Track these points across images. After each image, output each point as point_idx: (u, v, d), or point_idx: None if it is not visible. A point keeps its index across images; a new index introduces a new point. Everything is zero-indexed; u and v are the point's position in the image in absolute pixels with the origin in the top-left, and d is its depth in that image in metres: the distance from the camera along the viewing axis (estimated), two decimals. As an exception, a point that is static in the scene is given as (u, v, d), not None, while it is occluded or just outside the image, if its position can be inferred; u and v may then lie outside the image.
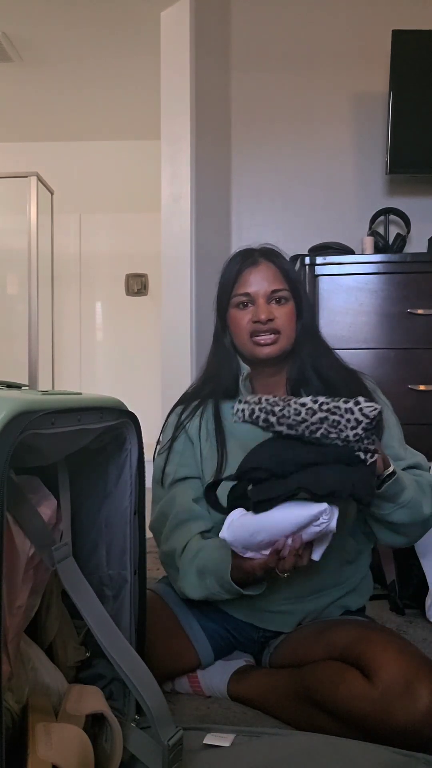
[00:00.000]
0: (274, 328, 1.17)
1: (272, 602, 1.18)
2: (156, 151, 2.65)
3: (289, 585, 1.16)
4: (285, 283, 1.19)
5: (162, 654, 1.17)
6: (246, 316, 1.19)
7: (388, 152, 2.48)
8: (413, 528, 1.12)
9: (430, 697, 0.92)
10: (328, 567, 1.17)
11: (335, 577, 1.19)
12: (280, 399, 0.95)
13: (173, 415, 1.32)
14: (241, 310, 1.20)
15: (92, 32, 2.93)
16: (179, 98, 2.53)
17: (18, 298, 4.15)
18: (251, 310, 1.18)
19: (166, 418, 1.34)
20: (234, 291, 1.20)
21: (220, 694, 1.21)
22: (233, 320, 1.21)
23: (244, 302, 1.19)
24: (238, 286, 1.20)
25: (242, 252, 1.24)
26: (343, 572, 1.20)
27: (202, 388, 1.29)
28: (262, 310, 1.17)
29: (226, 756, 0.93)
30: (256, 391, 1.26)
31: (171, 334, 2.56)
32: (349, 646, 1.04)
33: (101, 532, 1.00)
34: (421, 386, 2.22)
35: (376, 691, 0.95)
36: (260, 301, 1.18)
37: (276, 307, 1.18)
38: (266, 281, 1.18)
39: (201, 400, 1.28)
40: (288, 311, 1.19)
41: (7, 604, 0.79)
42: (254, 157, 2.78)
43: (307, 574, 1.16)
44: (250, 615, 1.21)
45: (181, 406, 1.31)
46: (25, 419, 0.71)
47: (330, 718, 1.01)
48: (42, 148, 4.25)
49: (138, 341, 4.33)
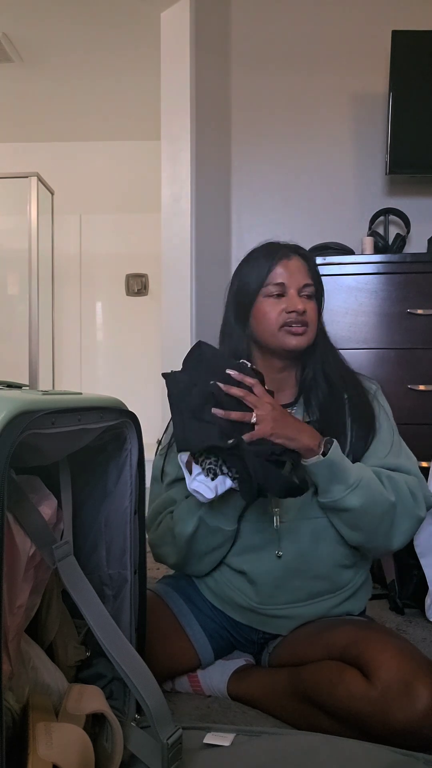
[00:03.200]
0: (306, 320, 1.18)
1: (271, 607, 1.18)
2: (156, 151, 2.65)
3: (285, 590, 1.16)
4: (311, 280, 1.21)
5: (162, 654, 1.18)
6: (279, 306, 1.18)
7: (388, 152, 2.48)
8: (370, 520, 1.09)
9: (429, 697, 0.92)
10: (322, 571, 1.17)
11: (333, 581, 1.18)
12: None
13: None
14: (273, 299, 1.19)
15: (92, 32, 2.93)
16: (179, 98, 2.53)
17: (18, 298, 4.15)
18: (284, 301, 1.18)
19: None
20: (267, 280, 1.19)
21: (220, 694, 1.22)
22: (261, 311, 1.20)
23: (277, 293, 1.19)
24: (273, 275, 1.19)
25: (270, 245, 1.24)
26: (341, 577, 1.19)
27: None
28: (298, 301, 1.17)
29: (226, 755, 0.94)
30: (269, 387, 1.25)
31: (171, 334, 2.56)
32: (348, 646, 1.04)
33: (101, 532, 1.00)
34: (421, 386, 2.22)
35: (375, 691, 0.95)
36: (292, 293, 1.18)
37: (306, 302, 1.19)
38: (299, 273, 1.19)
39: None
40: (314, 307, 1.21)
41: (7, 603, 0.79)
42: (254, 157, 2.78)
43: (304, 579, 1.16)
44: (250, 618, 1.21)
45: None
46: (25, 419, 0.72)
47: (329, 718, 1.01)
48: (42, 148, 4.25)
49: (138, 341, 4.33)
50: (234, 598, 1.20)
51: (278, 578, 1.16)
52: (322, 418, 1.18)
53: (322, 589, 1.18)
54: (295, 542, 1.15)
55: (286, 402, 1.24)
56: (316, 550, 1.16)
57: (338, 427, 1.17)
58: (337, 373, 1.23)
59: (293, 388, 1.26)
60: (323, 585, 1.18)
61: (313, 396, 1.21)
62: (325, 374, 1.22)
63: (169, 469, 1.26)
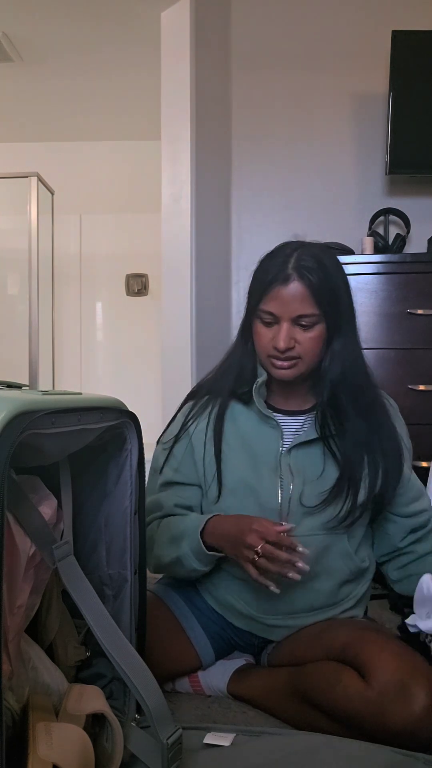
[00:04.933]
0: (294, 355, 1.12)
1: (270, 617, 1.17)
2: (156, 151, 2.65)
3: (285, 601, 1.15)
4: (315, 306, 1.09)
5: (163, 655, 1.17)
6: (268, 334, 1.13)
7: (388, 152, 2.48)
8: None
9: (426, 699, 0.92)
10: (325, 586, 1.16)
11: (335, 595, 1.18)
12: None
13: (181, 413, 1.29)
14: (264, 326, 1.13)
15: (92, 32, 2.92)
16: (179, 98, 2.52)
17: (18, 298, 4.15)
18: (274, 330, 1.12)
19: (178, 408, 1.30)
20: (260, 305, 1.13)
21: (220, 694, 1.21)
22: (256, 333, 1.15)
23: (268, 321, 1.12)
24: (265, 301, 1.12)
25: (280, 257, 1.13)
26: (343, 591, 1.19)
27: (215, 383, 1.25)
28: (282, 337, 1.10)
29: (226, 755, 0.94)
30: (274, 396, 1.23)
31: (171, 334, 2.56)
32: (347, 647, 1.04)
33: (101, 532, 1.00)
34: (421, 386, 2.22)
35: (372, 692, 0.94)
36: (284, 326, 1.10)
37: (300, 332, 1.11)
38: (295, 303, 1.09)
39: (211, 397, 1.24)
40: (314, 336, 1.11)
41: (7, 603, 0.79)
42: (254, 157, 2.78)
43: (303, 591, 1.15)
44: (249, 625, 1.21)
45: (190, 403, 1.28)
46: (25, 419, 0.72)
47: (328, 719, 1.01)
48: (42, 148, 4.25)
49: (138, 341, 4.33)
50: (234, 605, 1.20)
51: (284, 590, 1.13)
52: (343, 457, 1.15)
53: (324, 603, 1.18)
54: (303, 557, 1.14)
55: (296, 409, 1.21)
56: (322, 565, 1.15)
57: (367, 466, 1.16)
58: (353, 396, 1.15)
59: (305, 396, 1.22)
60: (325, 599, 1.17)
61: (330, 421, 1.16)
62: (341, 395, 1.15)
63: (165, 469, 1.25)
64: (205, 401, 1.24)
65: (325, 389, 1.15)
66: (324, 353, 1.15)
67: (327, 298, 1.10)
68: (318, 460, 1.17)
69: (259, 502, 1.16)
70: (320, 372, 1.16)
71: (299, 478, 1.16)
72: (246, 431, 1.19)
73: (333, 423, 1.16)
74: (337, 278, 1.12)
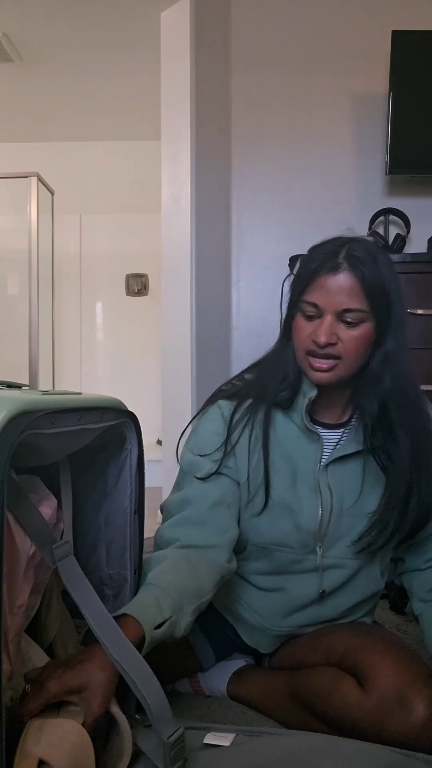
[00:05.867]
0: (334, 354, 1.01)
1: (280, 628, 1.16)
2: (156, 151, 2.65)
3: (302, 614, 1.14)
4: (364, 301, 0.99)
5: (163, 657, 1.17)
6: (308, 328, 1.02)
7: (388, 152, 2.48)
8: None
9: (424, 709, 0.90)
10: (349, 602, 1.15)
11: (351, 611, 1.17)
12: None
13: (215, 408, 1.14)
14: (306, 319, 1.03)
15: (92, 32, 2.93)
16: (179, 98, 2.53)
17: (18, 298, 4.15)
18: (315, 324, 1.01)
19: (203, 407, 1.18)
20: (303, 296, 1.02)
21: (220, 694, 1.21)
22: (296, 327, 1.05)
23: (311, 314, 1.02)
24: (309, 291, 1.01)
25: (330, 246, 1.02)
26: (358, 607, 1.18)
27: (254, 385, 1.14)
28: (323, 331, 0.99)
29: (226, 755, 0.93)
30: (315, 404, 1.10)
31: (171, 334, 2.56)
32: (347, 653, 1.02)
33: (101, 532, 1.00)
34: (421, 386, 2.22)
35: (370, 701, 0.93)
36: (327, 319, 0.99)
37: (343, 329, 1.00)
38: (341, 295, 0.98)
39: (253, 403, 1.12)
40: (359, 335, 1.00)
41: (7, 603, 0.79)
42: (254, 157, 2.78)
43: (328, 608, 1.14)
44: (255, 638, 1.19)
45: (228, 404, 1.14)
46: (25, 419, 0.72)
47: (326, 725, 1.00)
48: (42, 148, 4.25)
49: (138, 341, 4.33)
50: (244, 616, 1.18)
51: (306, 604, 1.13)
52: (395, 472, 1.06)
53: (339, 616, 1.16)
54: (336, 579, 1.11)
55: (335, 422, 1.12)
56: (351, 586, 1.13)
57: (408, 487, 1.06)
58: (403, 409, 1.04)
59: (344, 406, 1.11)
60: (342, 613, 1.16)
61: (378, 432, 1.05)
62: (388, 408, 1.04)
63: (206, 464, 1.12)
64: (248, 407, 1.12)
65: (374, 397, 1.04)
66: (370, 357, 1.04)
67: (378, 295, 0.99)
68: (357, 477, 1.09)
69: (296, 523, 1.08)
70: (366, 378, 1.05)
71: (337, 498, 1.09)
72: (286, 443, 1.10)
73: (381, 433, 1.05)
74: (390, 278, 1.02)
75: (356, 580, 1.13)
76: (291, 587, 1.13)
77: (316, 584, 1.11)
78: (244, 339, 2.77)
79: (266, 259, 2.74)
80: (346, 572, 1.11)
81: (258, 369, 1.16)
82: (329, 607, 1.14)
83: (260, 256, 2.74)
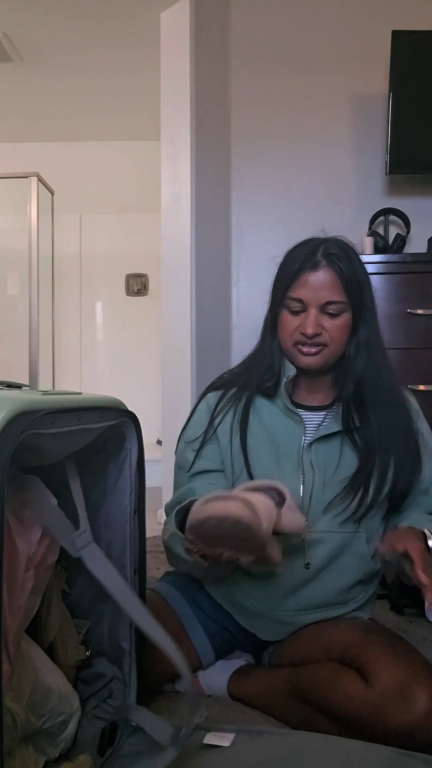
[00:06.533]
0: (320, 342, 1.13)
1: (281, 613, 1.17)
2: (156, 151, 2.65)
3: (302, 598, 1.15)
4: (344, 293, 1.12)
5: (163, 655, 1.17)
6: (295, 322, 1.13)
7: (388, 152, 2.48)
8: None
9: (427, 701, 0.91)
10: (340, 584, 1.16)
11: (347, 594, 1.18)
12: None
13: (204, 402, 1.26)
14: (291, 314, 1.14)
15: (92, 32, 2.93)
16: (179, 98, 2.53)
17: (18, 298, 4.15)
18: (301, 318, 1.13)
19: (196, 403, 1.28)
20: (288, 293, 1.14)
21: (221, 694, 1.21)
22: (282, 321, 1.16)
23: (296, 309, 1.13)
24: (294, 288, 1.13)
25: (307, 247, 1.15)
26: (355, 590, 1.19)
27: (241, 376, 1.25)
28: (310, 323, 1.11)
29: (226, 755, 0.94)
30: (297, 391, 1.22)
31: (171, 334, 2.56)
32: (348, 648, 1.04)
33: (101, 532, 1.00)
34: (421, 386, 2.22)
35: (373, 694, 0.94)
36: (311, 312, 1.11)
37: (327, 319, 1.12)
38: (323, 290, 1.11)
39: (238, 391, 1.23)
40: (341, 324, 1.13)
41: (7, 603, 0.79)
42: (254, 157, 2.78)
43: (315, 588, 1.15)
44: (254, 625, 1.20)
45: (215, 394, 1.25)
46: (25, 419, 0.72)
47: (328, 720, 1.01)
48: (42, 148, 4.25)
49: (138, 341, 4.34)
50: (243, 603, 1.19)
51: (297, 585, 1.15)
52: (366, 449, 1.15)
53: (336, 600, 1.17)
54: (321, 553, 1.14)
55: (318, 404, 1.21)
56: (339, 563, 1.15)
57: (385, 463, 1.15)
58: (378, 390, 1.16)
59: (328, 390, 1.22)
60: (337, 596, 1.17)
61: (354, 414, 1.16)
62: (364, 388, 1.15)
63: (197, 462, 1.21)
64: (232, 394, 1.23)
65: (350, 380, 1.15)
66: (348, 344, 1.16)
67: (354, 288, 1.12)
68: (336, 453, 1.16)
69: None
70: (344, 363, 1.17)
71: (320, 473, 1.15)
72: (270, 426, 1.18)
73: (357, 415, 1.16)
74: (362, 272, 1.15)
75: (343, 556, 1.15)
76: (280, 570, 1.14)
77: (303, 561, 1.14)
78: (244, 339, 2.77)
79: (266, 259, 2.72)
80: (331, 546, 1.13)
81: (244, 362, 1.27)
82: (320, 587, 1.15)
83: (260, 256, 2.74)
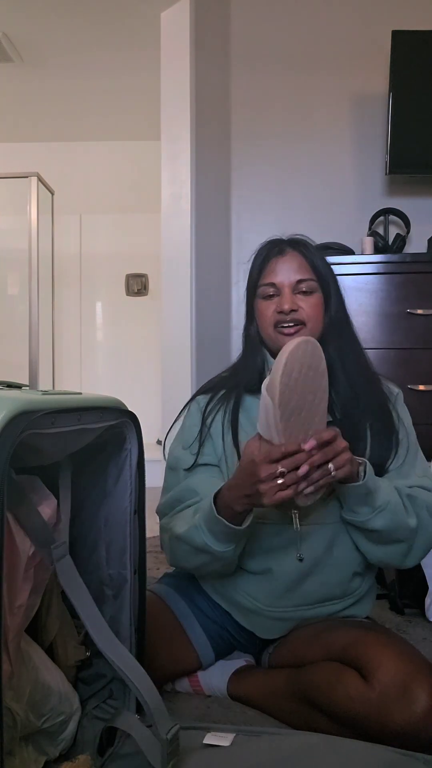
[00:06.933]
0: (299, 318, 1.15)
1: (279, 610, 1.17)
2: (156, 151, 2.66)
3: (298, 593, 1.15)
4: (312, 273, 1.17)
5: (163, 656, 1.17)
6: (271, 306, 1.17)
7: (388, 152, 2.48)
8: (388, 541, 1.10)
9: (427, 699, 0.91)
10: (335, 577, 1.16)
11: (344, 588, 1.18)
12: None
13: (194, 404, 1.27)
14: (266, 300, 1.18)
15: (92, 32, 2.93)
16: (179, 98, 2.53)
17: (18, 298, 4.15)
18: (276, 301, 1.17)
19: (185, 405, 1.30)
20: (260, 281, 1.19)
21: (220, 694, 1.21)
22: (259, 311, 1.20)
23: (270, 293, 1.17)
24: (264, 275, 1.18)
25: (270, 242, 1.22)
26: (351, 583, 1.19)
27: (229, 379, 1.27)
28: (286, 300, 1.15)
29: (226, 755, 0.93)
30: None
31: (171, 334, 2.56)
32: (348, 647, 1.03)
33: (101, 532, 1.00)
34: (421, 386, 2.22)
35: (374, 693, 0.94)
36: (285, 291, 1.16)
37: (302, 298, 1.16)
38: (292, 271, 1.17)
39: (227, 392, 1.25)
40: (314, 302, 1.17)
41: (7, 603, 0.79)
42: (254, 157, 2.78)
43: (318, 584, 1.15)
44: (253, 622, 1.20)
45: (204, 396, 1.27)
46: (25, 419, 0.72)
47: (328, 720, 1.01)
48: (42, 148, 4.25)
49: (138, 341, 4.34)
50: (241, 601, 1.19)
51: (294, 581, 1.14)
52: (343, 420, 1.15)
53: (332, 594, 1.17)
54: (313, 546, 1.14)
55: None
56: (332, 556, 1.15)
57: (359, 432, 1.15)
58: (356, 370, 1.19)
59: None
60: (334, 590, 1.17)
61: (333, 390, 1.16)
62: (344, 368, 1.18)
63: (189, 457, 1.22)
64: (221, 396, 1.25)
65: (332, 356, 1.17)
66: (325, 325, 1.20)
67: (320, 269, 1.19)
68: None
69: None
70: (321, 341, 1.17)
71: None
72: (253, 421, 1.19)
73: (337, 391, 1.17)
74: (322, 258, 1.22)
75: (335, 548, 1.15)
76: (276, 566, 1.15)
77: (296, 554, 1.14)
78: (244, 339, 2.77)
79: (266, 259, 2.74)
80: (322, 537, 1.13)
81: (232, 367, 1.30)
82: (317, 582, 1.15)
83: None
